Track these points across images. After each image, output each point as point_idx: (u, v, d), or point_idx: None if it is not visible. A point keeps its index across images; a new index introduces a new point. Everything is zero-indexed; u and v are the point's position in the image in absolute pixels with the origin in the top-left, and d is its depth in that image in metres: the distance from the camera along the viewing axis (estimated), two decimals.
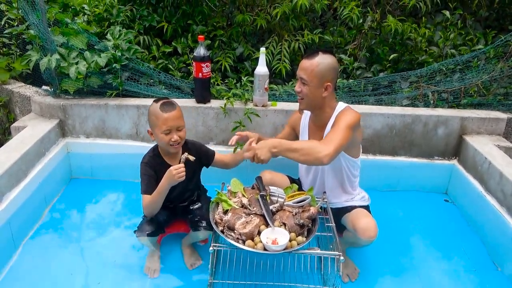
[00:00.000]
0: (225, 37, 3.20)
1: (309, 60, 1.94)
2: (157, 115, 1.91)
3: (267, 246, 1.71)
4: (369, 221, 1.96)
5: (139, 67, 2.85)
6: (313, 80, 1.94)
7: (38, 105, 2.86)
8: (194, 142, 2.20)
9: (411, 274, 2.21)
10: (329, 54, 1.96)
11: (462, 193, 2.74)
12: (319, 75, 1.93)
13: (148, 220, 2.05)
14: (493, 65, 2.90)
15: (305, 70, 1.95)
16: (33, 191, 2.43)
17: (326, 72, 1.93)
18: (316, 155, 1.79)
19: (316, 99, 2.00)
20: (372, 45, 3.18)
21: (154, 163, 2.04)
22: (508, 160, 2.46)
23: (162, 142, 1.96)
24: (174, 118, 1.92)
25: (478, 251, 2.39)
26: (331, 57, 1.95)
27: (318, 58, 1.93)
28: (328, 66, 1.93)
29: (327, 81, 1.95)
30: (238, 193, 2.03)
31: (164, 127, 1.91)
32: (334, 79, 1.99)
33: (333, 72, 1.96)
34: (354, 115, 1.94)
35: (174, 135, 1.94)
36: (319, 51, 1.96)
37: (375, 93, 2.97)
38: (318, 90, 1.97)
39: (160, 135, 1.93)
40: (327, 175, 2.15)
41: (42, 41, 2.70)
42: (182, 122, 1.98)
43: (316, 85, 1.95)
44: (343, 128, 1.88)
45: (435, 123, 2.73)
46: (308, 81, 1.95)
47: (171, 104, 1.96)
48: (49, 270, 2.16)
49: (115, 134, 2.86)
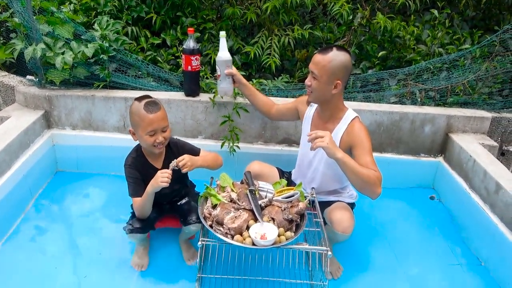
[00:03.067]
0: (215, 30, 3.17)
1: (322, 55, 1.91)
2: (141, 116, 1.83)
3: (256, 241, 1.71)
4: (344, 213, 1.98)
5: (127, 58, 2.80)
6: (323, 76, 1.92)
7: (23, 95, 2.79)
8: (177, 142, 2.11)
9: (395, 270, 2.25)
10: (344, 51, 1.93)
11: (447, 189, 2.80)
12: (330, 72, 1.91)
13: (138, 218, 2.03)
14: (479, 64, 2.95)
15: (317, 64, 1.92)
16: (17, 184, 2.39)
17: (337, 69, 1.91)
18: (375, 189, 1.87)
19: (325, 95, 1.98)
20: (361, 42, 3.20)
21: (137, 164, 1.99)
22: (492, 158, 2.51)
23: (146, 143, 1.89)
24: (159, 119, 1.84)
25: (462, 246, 2.45)
26: (345, 54, 1.92)
27: (331, 54, 1.90)
28: (340, 64, 1.91)
29: (338, 78, 1.93)
30: (227, 188, 2.02)
31: (149, 128, 1.83)
32: (345, 78, 1.97)
33: (344, 70, 1.94)
34: (369, 136, 2.00)
35: (159, 136, 1.87)
36: (334, 46, 1.93)
37: (363, 90, 2.99)
38: (328, 87, 1.95)
39: (144, 136, 1.86)
40: (324, 177, 2.16)
41: (27, 30, 2.63)
42: (167, 122, 1.90)
43: (325, 81, 1.93)
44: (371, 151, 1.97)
45: (422, 121, 2.77)
46: (319, 76, 1.93)
47: (155, 104, 1.86)
48: (34, 263, 2.13)
49: (102, 127, 2.82)
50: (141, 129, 1.86)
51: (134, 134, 1.94)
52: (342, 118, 2.05)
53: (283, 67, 3.25)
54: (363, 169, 1.85)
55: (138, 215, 2.01)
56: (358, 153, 1.95)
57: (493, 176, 2.30)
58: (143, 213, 1.99)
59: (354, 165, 1.83)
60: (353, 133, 1.99)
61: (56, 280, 2.04)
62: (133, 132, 1.94)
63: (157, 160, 2.05)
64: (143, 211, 1.98)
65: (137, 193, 1.95)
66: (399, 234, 2.52)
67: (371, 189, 1.88)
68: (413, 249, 2.41)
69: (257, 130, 2.80)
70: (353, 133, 1.99)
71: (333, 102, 2.03)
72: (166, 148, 2.05)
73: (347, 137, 2.00)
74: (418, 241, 2.48)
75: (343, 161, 1.82)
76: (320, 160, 2.14)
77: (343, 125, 2.03)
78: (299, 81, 3.14)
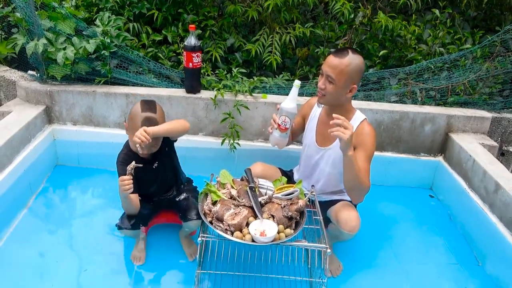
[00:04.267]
0: (216, 27, 3.18)
1: (339, 59, 1.87)
2: (134, 119, 1.88)
3: (255, 237, 1.72)
4: (351, 212, 1.98)
5: (128, 54, 2.81)
6: (340, 80, 1.88)
7: (24, 90, 2.80)
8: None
9: (394, 269, 2.26)
10: (359, 54, 1.90)
11: (446, 189, 2.80)
12: (347, 76, 1.87)
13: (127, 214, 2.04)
14: (480, 64, 2.95)
15: (334, 68, 1.87)
16: (17, 178, 2.39)
17: (354, 73, 1.89)
18: (360, 197, 1.98)
19: (339, 99, 1.96)
20: (362, 41, 3.20)
21: (129, 160, 1.97)
22: (492, 158, 2.52)
23: (132, 144, 1.93)
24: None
25: (460, 246, 2.46)
26: (360, 58, 1.90)
27: (348, 57, 1.86)
28: (357, 68, 1.88)
29: (354, 83, 1.91)
30: (227, 185, 2.03)
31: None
32: (359, 81, 1.95)
33: (360, 74, 1.92)
34: (375, 142, 1.99)
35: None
36: (349, 49, 1.90)
37: (364, 88, 2.99)
38: (343, 91, 1.92)
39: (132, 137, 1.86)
40: (330, 177, 2.15)
41: (29, 25, 2.64)
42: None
43: (342, 85, 1.90)
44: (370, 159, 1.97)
45: (422, 120, 2.77)
46: (336, 80, 1.88)
47: (152, 108, 1.89)
48: (35, 257, 2.14)
49: (102, 122, 2.82)
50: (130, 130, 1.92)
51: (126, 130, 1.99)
52: (351, 119, 2.03)
53: (284, 65, 3.25)
54: (361, 174, 1.86)
55: (127, 213, 2.03)
56: (358, 156, 1.94)
57: (492, 175, 2.31)
58: (130, 212, 2.01)
59: (356, 168, 1.84)
60: (362, 135, 1.97)
61: (57, 274, 2.04)
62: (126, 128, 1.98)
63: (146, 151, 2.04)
64: (129, 210, 2.00)
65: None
66: (398, 233, 2.53)
67: (357, 196, 1.96)
68: (412, 248, 2.42)
69: (258, 128, 2.81)
70: (361, 135, 1.98)
71: (344, 104, 2.02)
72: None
73: (355, 139, 1.97)
74: (417, 240, 2.49)
75: (351, 160, 1.82)
76: (327, 161, 2.12)
77: (353, 126, 2.00)
78: (299, 79, 3.14)
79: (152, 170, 2.07)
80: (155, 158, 2.07)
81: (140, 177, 1.95)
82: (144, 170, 1.95)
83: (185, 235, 2.24)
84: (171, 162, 2.17)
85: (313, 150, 2.18)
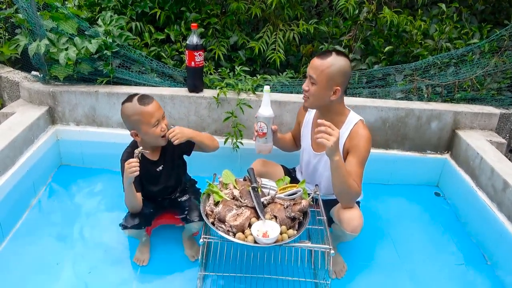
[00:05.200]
0: (219, 25, 3.15)
1: (321, 60, 1.85)
2: (141, 112, 1.85)
3: (258, 239, 1.70)
4: (353, 212, 1.94)
5: (130, 54, 2.80)
6: (322, 81, 1.86)
7: (27, 91, 2.80)
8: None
9: (399, 269, 2.23)
10: (343, 56, 1.88)
11: (453, 187, 2.76)
12: (329, 77, 1.85)
13: (133, 213, 2.02)
14: (488, 59, 2.89)
15: (315, 69, 1.86)
16: (21, 179, 2.40)
17: (336, 75, 1.85)
18: (348, 203, 1.94)
19: (322, 101, 1.93)
20: (367, 37, 3.16)
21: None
22: (500, 155, 2.47)
23: (154, 136, 1.90)
24: (157, 108, 1.89)
25: (468, 245, 2.41)
26: (344, 59, 1.87)
27: (331, 58, 1.84)
28: (340, 69, 1.85)
29: (337, 84, 1.87)
30: (229, 185, 2.01)
31: (153, 120, 1.86)
32: (344, 83, 1.91)
33: (343, 76, 1.88)
34: (369, 146, 1.94)
35: (162, 124, 1.91)
36: (333, 51, 1.88)
37: (369, 85, 2.95)
38: (326, 92, 1.89)
39: (150, 130, 1.87)
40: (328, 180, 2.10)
41: (31, 26, 2.63)
42: (163, 110, 1.94)
43: (324, 86, 1.87)
44: (363, 163, 1.94)
45: (428, 117, 2.73)
46: (317, 81, 1.87)
47: (147, 97, 1.90)
48: (38, 258, 2.14)
49: (105, 122, 2.82)
50: (145, 124, 1.86)
51: (137, 135, 1.93)
52: (344, 122, 2.00)
53: (288, 62, 3.22)
54: (349, 179, 1.84)
55: (130, 210, 2.01)
56: (349, 160, 1.92)
57: (500, 173, 2.26)
58: (132, 207, 1.99)
59: (344, 173, 1.82)
60: (355, 139, 1.94)
61: (60, 275, 2.05)
62: (136, 134, 1.93)
63: (154, 152, 2.05)
64: (131, 204, 1.97)
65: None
66: (404, 232, 2.49)
67: (346, 200, 1.93)
68: (418, 247, 2.38)
69: None
70: (355, 139, 1.94)
71: (333, 107, 1.98)
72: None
73: (349, 143, 1.96)
74: (423, 239, 2.45)
75: (337, 165, 1.79)
76: (325, 165, 2.10)
77: (346, 130, 1.98)
78: (303, 76, 3.12)
79: (156, 172, 2.06)
80: (160, 162, 2.06)
81: (143, 177, 1.94)
82: (148, 171, 1.94)
83: (188, 236, 2.23)
84: (176, 169, 2.16)
85: (310, 155, 2.17)
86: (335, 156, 1.77)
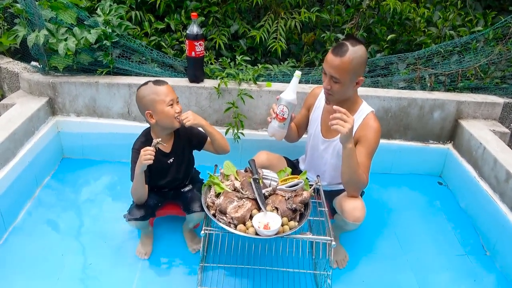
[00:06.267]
0: (220, 13, 3.11)
1: (340, 57, 1.77)
2: (156, 92, 1.89)
3: (259, 230, 1.70)
4: (356, 202, 1.93)
5: (130, 44, 2.77)
6: (346, 78, 1.81)
7: (27, 82, 2.79)
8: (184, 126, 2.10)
9: (401, 258, 2.24)
10: (358, 44, 1.80)
11: (456, 178, 2.75)
12: (352, 72, 1.80)
13: (138, 204, 2.02)
14: (492, 47, 2.85)
15: (336, 69, 1.79)
16: (22, 171, 2.39)
17: (359, 67, 1.81)
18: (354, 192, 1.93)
19: (347, 94, 1.91)
20: (370, 25, 3.12)
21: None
22: (503, 145, 2.45)
23: (168, 116, 1.90)
24: (171, 90, 1.93)
25: (469, 235, 2.42)
26: (360, 48, 1.80)
27: (349, 54, 1.77)
28: (360, 60, 1.80)
29: (359, 75, 1.85)
30: (230, 176, 2.00)
31: (168, 98, 1.89)
32: (364, 71, 1.88)
33: (364, 65, 1.85)
34: (379, 138, 1.94)
35: (176, 106, 1.93)
36: (348, 41, 1.79)
37: (371, 74, 2.92)
38: (350, 86, 1.87)
39: (165, 109, 1.89)
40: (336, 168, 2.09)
41: (30, 16, 2.60)
42: (176, 95, 1.97)
43: (348, 82, 1.84)
44: (372, 155, 1.93)
45: (431, 107, 2.70)
46: (341, 80, 1.81)
47: (162, 80, 1.95)
48: (40, 250, 2.15)
49: (106, 113, 2.81)
50: (160, 103, 1.89)
51: (151, 117, 1.93)
52: (357, 111, 1.98)
53: (290, 51, 3.19)
54: (359, 168, 1.83)
55: (135, 200, 2.01)
56: (359, 150, 1.90)
57: (503, 164, 2.25)
58: (138, 197, 1.98)
59: (355, 161, 1.81)
60: (365, 130, 1.93)
61: (62, 267, 2.06)
62: (151, 114, 1.93)
63: (167, 144, 2.04)
64: (138, 194, 1.97)
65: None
66: (406, 222, 2.49)
67: (352, 190, 1.93)
68: (419, 237, 2.38)
69: (262, 117, 2.76)
70: (365, 130, 1.93)
71: (351, 96, 1.96)
72: (174, 132, 2.05)
73: (359, 133, 1.94)
74: (425, 229, 2.45)
75: (350, 153, 1.78)
76: (332, 152, 2.08)
77: (359, 118, 1.96)
78: (305, 65, 3.09)
79: (166, 164, 2.06)
80: (171, 154, 2.05)
81: (153, 167, 1.93)
82: (159, 161, 1.93)
83: (189, 228, 2.23)
84: (187, 162, 2.15)
85: (319, 141, 2.13)
86: (349, 143, 1.76)
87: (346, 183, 1.92)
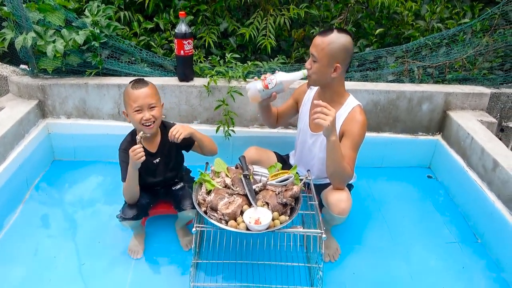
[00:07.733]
0: (209, 12, 3.11)
1: (322, 37, 1.86)
2: (128, 94, 1.88)
3: (250, 226, 1.71)
4: (341, 195, 1.95)
5: (119, 44, 2.77)
6: (322, 59, 1.87)
7: (16, 86, 2.78)
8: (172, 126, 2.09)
9: (393, 249, 2.26)
10: (344, 33, 1.87)
11: (445, 168, 2.77)
12: (329, 54, 1.86)
13: (130, 204, 2.03)
14: (479, 39, 2.88)
15: (317, 47, 1.87)
16: (13, 174, 2.40)
17: (337, 52, 1.86)
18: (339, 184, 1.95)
19: (324, 78, 1.94)
20: (358, 20, 3.13)
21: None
22: (490, 135, 2.48)
23: (134, 120, 1.91)
24: (145, 96, 1.87)
25: (459, 224, 2.45)
26: (345, 36, 1.87)
27: (331, 36, 1.85)
28: (340, 46, 1.85)
29: (337, 61, 1.88)
30: (221, 173, 2.01)
31: (134, 105, 1.86)
32: (346, 61, 1.91)
33: (344, 53, 1.88)
34: (364, 131, 1.97)
35: (145, 113, 1.88)
36: (335, 28, 1.88)
37: (360, 68, 2.94)
38: (327, 70, 1.90)
39: (131, 113, 1.89)
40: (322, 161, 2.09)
41: (17, 18, 2.60)
42: (154, 100, 1.90)
43: (325, 64, 1.88)
44: (357, 147, 1.96)
45: (419, 99, 2.73)
46: (318, 59, 1.88)
47: (143, 82, 1.92)
48: (33, 252, 2.15)
49: (96, 114, 2.81)
50: (128, 107, 1.90)
51: (127, 116, 1.96)
52: (344, 104, 2.01)
53: (280, 47, 3.20)
54: (343, 161, 1.86)
55: (127, 199, 2.01)
56: (344, 143, 1.93)
57: (490, 153, 2.28)
58: (131, 196, 1.99)
59: (339, 154, 1.84)
60: (351, 123, 1.96)
61: (55, 268, 2.06)
62: (126, 114, 1.96)
63: (152, 144, 2.05)
64: (130, 194, 1.98)
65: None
66: (396, 213, 2.52)
67: (337, 182, 1.95)
68: (410, 228, 2.41)
69: (253, 114, 2.78)
70: (351, 123, 1.96)
71: (333, 86, 1.98)
72: (161, 132, 2.06)
73: (344, 126, 1.97)
74: (416, 220, 2.48)
75: (334, 146, 1.81)
76: (320, 146, 2.11)
77: (344, 111, 1.99)
78: (295, 61, 3.10)
79: (152, 165, 2.07)
80: (157, 154, 2.06)
81: (141, 167, 1.94)
82: (145, 161, 1.93)
83: (181, 225, 2.24)
84: (174, 162, 2.16)
85: (307, 135, 2.15)
86: (332, 136, 1.79)
87: (330, 175, 1.94)
